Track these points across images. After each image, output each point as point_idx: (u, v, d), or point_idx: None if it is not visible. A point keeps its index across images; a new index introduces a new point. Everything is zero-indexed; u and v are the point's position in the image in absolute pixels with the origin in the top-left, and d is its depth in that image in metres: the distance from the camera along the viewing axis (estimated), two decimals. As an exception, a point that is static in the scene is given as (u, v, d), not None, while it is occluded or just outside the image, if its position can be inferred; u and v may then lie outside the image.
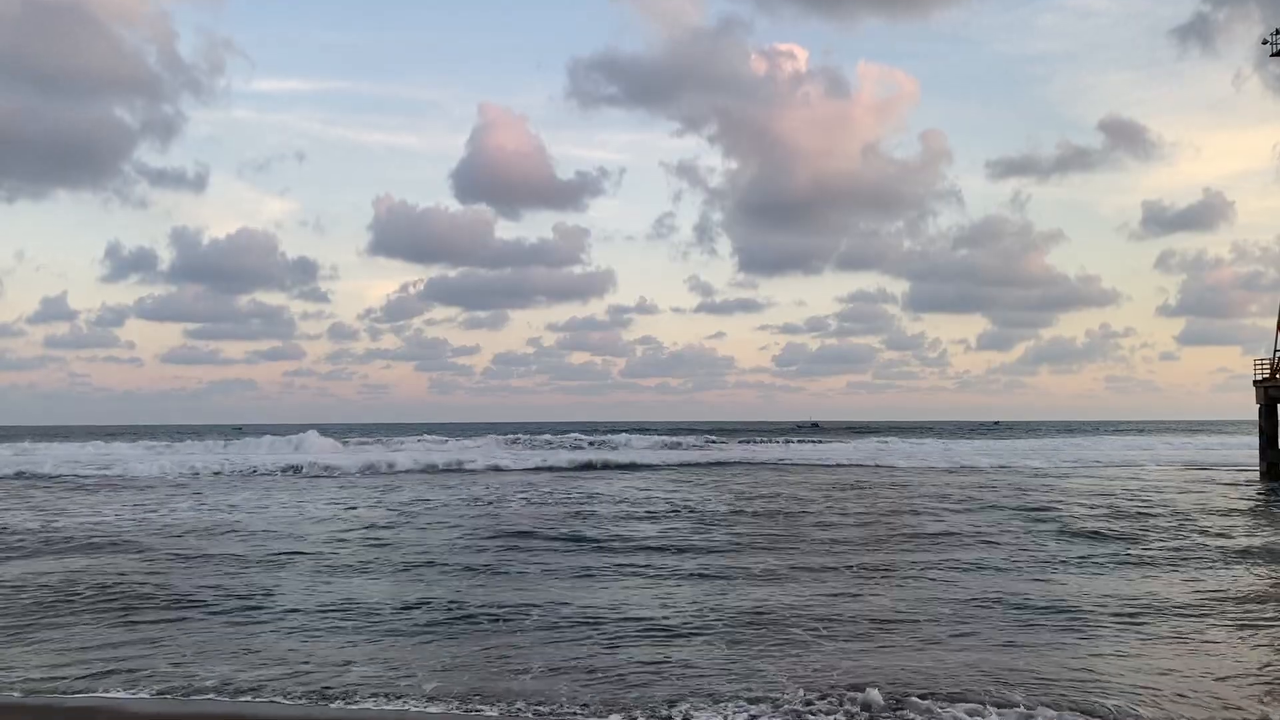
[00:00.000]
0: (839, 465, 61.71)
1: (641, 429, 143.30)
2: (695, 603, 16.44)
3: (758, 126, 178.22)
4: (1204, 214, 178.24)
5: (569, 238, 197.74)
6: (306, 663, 12.72)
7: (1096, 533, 25.71)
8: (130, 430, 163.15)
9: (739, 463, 64.71)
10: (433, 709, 10.74)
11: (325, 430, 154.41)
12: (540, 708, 10.69)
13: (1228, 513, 31.42)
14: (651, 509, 32.77)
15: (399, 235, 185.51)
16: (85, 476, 52.01)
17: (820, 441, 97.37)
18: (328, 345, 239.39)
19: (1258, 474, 46.53)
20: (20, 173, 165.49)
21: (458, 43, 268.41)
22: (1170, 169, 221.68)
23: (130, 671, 12.33)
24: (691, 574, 19.44)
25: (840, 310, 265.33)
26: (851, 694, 10.84)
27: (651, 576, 19.20)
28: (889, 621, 14.80)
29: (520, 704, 10.82)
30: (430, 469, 58.11)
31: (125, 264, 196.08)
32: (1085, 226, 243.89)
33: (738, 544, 23.87)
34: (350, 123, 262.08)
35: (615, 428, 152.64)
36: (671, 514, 31.18)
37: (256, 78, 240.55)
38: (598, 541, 24.00)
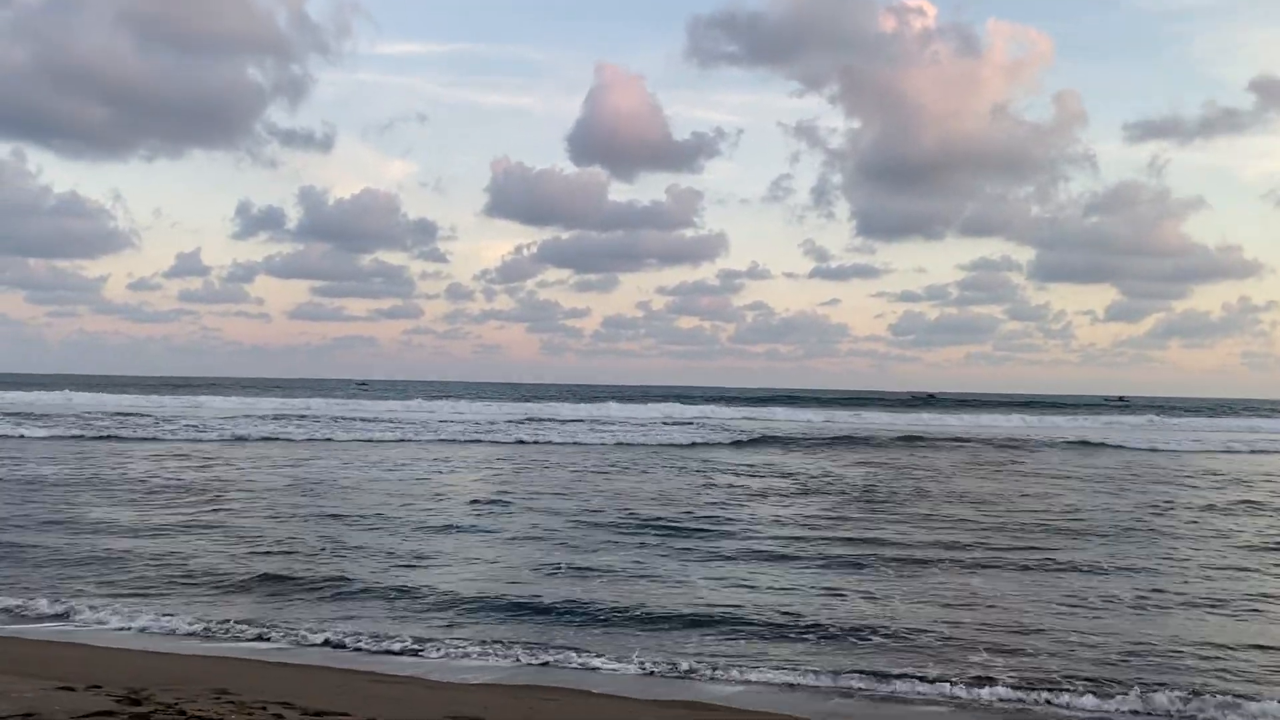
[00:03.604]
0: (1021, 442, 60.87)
1: (755, 398, 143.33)
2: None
3: (882, 86, 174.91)
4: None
5: (682, 200, 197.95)
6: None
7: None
8: (262, 383, 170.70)
9: (875, 438, 64.21)
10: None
11: (442, 389, 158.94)
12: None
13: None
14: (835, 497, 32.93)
15: (515, 197, 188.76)
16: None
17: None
18: (445, 305, 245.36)
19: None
20: (160, 132, 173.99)
21: (576, 1, 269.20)
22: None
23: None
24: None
25: (961, 278, 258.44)
26: None
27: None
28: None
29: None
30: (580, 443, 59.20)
31: (255, 222, 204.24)
32: (1228, 193, 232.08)
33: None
34: (469, 84, 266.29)
35: (726, 394, 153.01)
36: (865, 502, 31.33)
37: (381, 40, 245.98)
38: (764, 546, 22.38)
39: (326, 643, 12.19)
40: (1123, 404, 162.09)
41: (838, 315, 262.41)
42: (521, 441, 50.07)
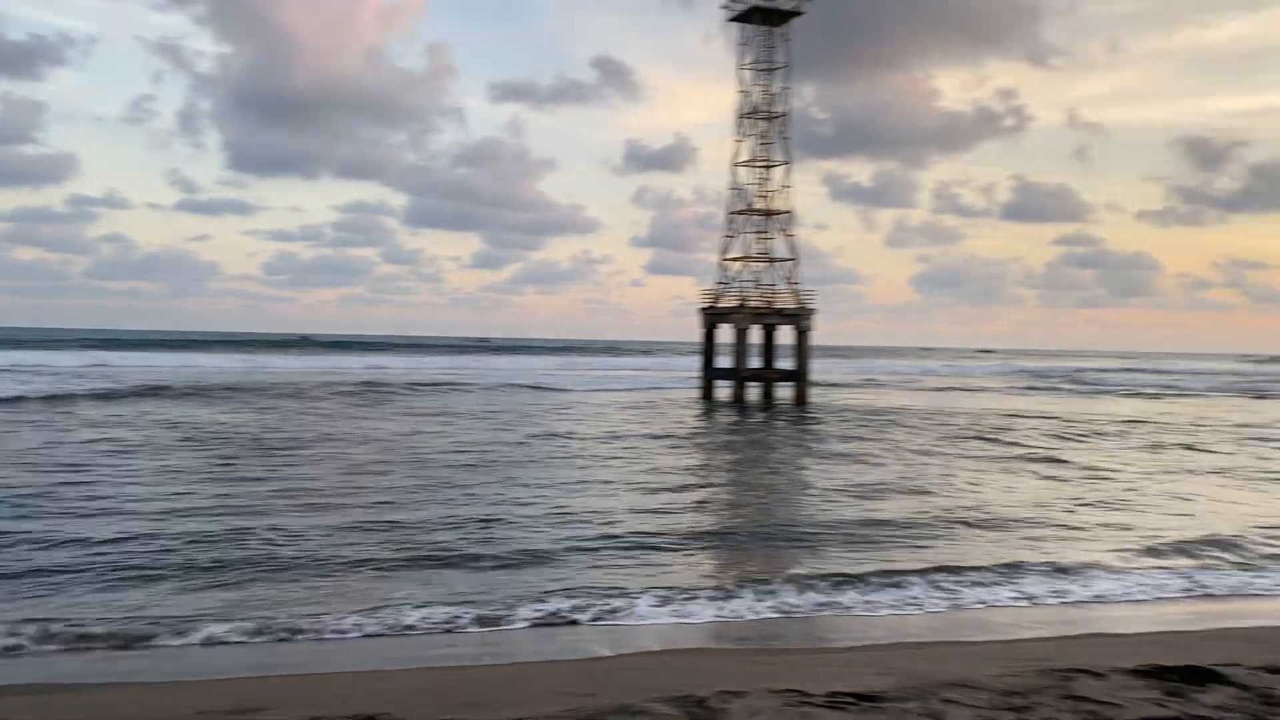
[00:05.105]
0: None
1: (118, 340, 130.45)
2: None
3: (255, 12, 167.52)
4: (674, 156, 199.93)
5: (18, 111, 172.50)
6: None
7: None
8: None
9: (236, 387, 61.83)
10: None
11: None
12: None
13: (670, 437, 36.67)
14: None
15: None
16: None
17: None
18: None
19: (699, 391, 54.24)
20: None
21: None
22: (650, 112, 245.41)
23: None
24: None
25: (337, 220, 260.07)
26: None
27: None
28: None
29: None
30: None
31: None
32: (575, 157, 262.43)
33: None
34: None
35: (81, 336, 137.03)
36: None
37: None
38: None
39: None
40: (485, 345, 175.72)
41: (208, 252, 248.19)
42: None
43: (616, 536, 16.10)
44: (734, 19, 52.80)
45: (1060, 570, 14.34)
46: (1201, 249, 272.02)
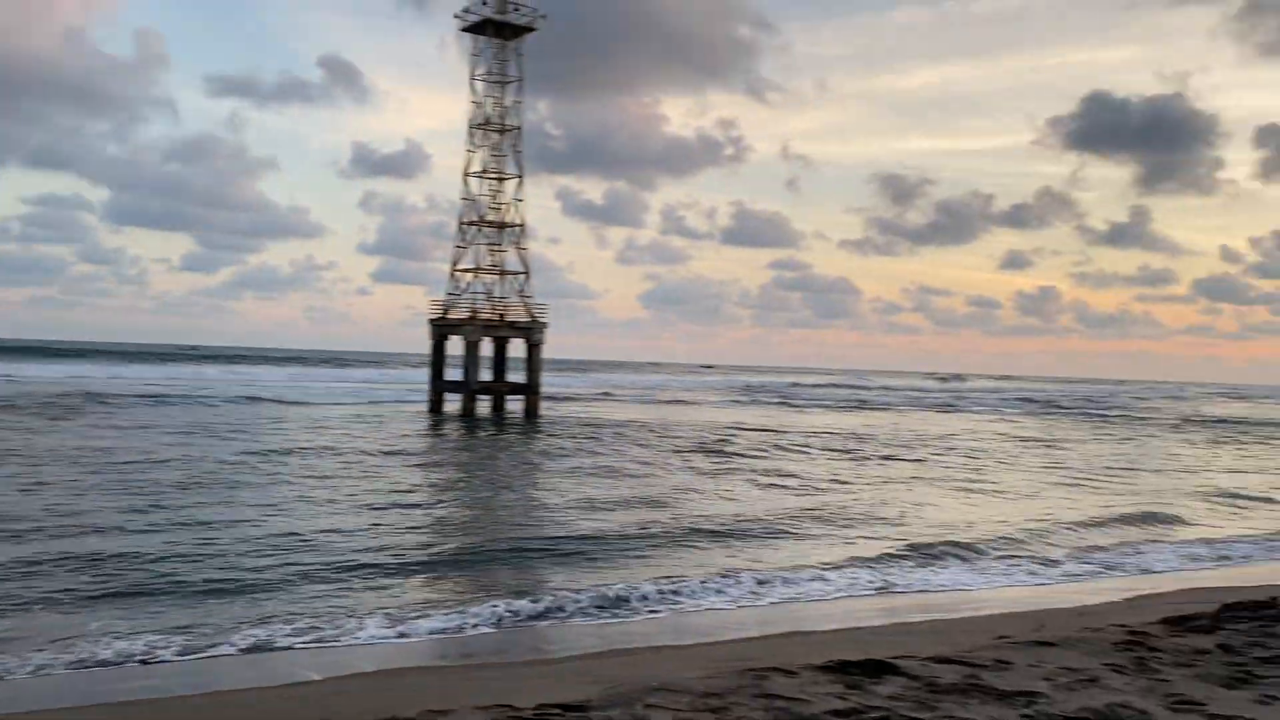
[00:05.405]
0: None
1: None
2: None
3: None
4: (405, 163, 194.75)
5: None
6: None
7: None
8: None
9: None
10: None
11: None
12: None
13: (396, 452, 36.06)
14: None
15: None
16: None
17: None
18: None
19: (428, 404, 53.36)
20: None
21: None
22: (379, 116, 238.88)
23: None
24: None
25: (26, 213, 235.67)
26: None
27: None
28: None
29: None
30: None
31: None
32: (298, 158, 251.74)
33: None
34: None
35: None
36: None
37: None
38: None
39: None
40: (196, 353, 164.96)
41: None
42: None
43: (342, 557, 15.57)
44: (467, 29, 52.62)
45: (770, 573, 15.28)
46: (894, 276, 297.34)
